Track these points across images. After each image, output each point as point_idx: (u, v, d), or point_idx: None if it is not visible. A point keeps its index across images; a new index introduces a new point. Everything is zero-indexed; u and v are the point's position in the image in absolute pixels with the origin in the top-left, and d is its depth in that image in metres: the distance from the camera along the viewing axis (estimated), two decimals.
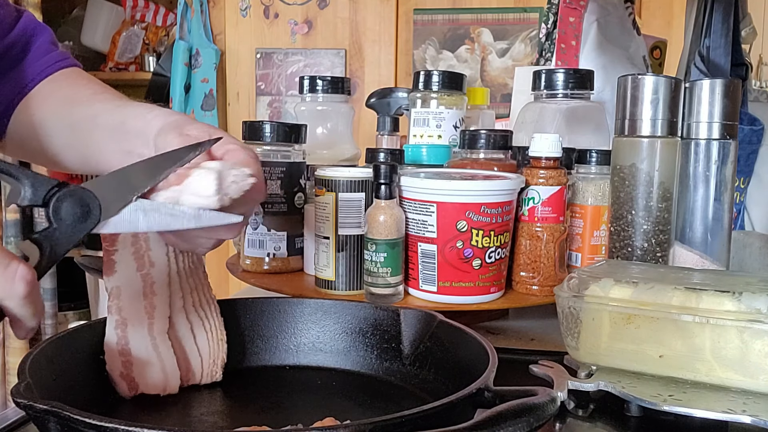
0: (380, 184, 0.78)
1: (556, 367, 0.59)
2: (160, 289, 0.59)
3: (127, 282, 0.58)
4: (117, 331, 0.57)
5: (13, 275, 0.44)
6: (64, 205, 0.48)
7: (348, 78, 1.13)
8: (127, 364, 0.57)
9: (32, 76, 0.75)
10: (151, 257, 0.59)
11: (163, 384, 0.59)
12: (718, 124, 0.78)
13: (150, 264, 0.59)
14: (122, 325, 0.58)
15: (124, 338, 0.58)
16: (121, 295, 0.58)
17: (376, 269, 0.79)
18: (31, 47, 0.77)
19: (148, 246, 0.59)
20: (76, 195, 0.48)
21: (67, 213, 0.48)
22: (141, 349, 0.58)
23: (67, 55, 0.79)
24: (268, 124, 0.90)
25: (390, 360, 0.64)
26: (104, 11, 2.77)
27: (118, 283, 0.58)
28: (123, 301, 0.58)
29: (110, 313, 0.58)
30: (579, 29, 1.30)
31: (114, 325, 0.58)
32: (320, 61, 2.63)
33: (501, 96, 2.48)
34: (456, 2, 2.56)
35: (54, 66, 0.76)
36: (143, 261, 0.58)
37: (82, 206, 0.48)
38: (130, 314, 0.58)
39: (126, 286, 0.58)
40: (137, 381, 0.58)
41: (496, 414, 0.43)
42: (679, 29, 1.72)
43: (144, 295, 0.58)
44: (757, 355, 0.57)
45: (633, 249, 0.79)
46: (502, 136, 0.91)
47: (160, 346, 0.59)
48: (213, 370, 0.62)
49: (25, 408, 0.44)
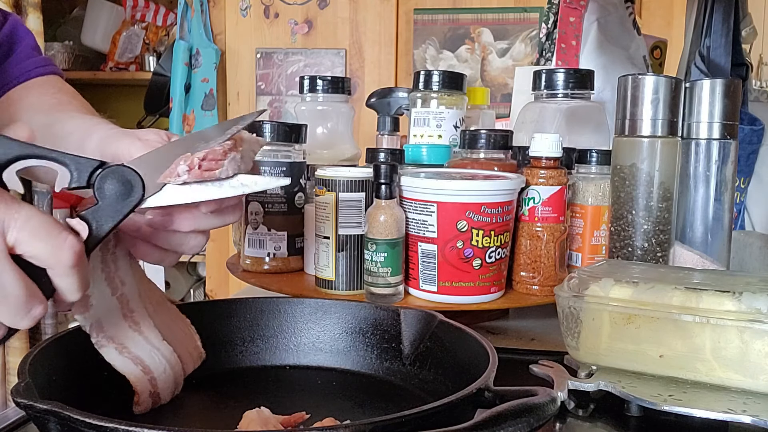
0: (380, 184, 0.78)
1: (556, 367, 0.59)
2: (135, 304, 0.57)
3: (106, 311, 0.55)
4: (125, 356, 0.56)
5: (63, 244, 0.44)
6: (107, 183, 0.49)
7: (348, 78, 1.13)
8: (153, 381, 0.57)
9: (10, 79, 0.77)
10: (121, 277, 0.56)
11: (174, 386, 0.59)
12: (718, 124, 0.78)
13: (122, 284, 0.56)
14: (125, 349, 0.56)
15: (137, 359, 0.56)
16: (104, 327, 0.55)
17: (377, 269, 0.79)
18: (14, 50, 0.78)
19: (117, 266, 0.56)
20: (118, 173, 0.49)
21: (110, 190, 0.49)
22: (156, 363, 0.57)
23: (48, 61, 0.81)
24: (268, 124, 0.90)
25: (390, 360, 0.64)
26: (104, 11, 2.77)
27: (97, 316, 0.55)
28: (108, 330, 0.55)
29: (102, 346, 0.55)
30: (579, 29, 1.30)
31: (117, 353, 0.55)
32: (320, 61, 2.63)
33: (501, 96, 2.48)
34: (456, 2, 2.56)
35: (32, 72, 0.78)
36: (115, 283, 0.56)
37: (125, 183, 0.49)
38: (123, 338, 0.56)
39: (105, 316, 0.55)
40: (161, 396, 0.58)
41: (496, 414, 0.43)
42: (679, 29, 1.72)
43: (124, 316, 0.56)
44: (757, 355, 0.57)
45: (633, 249, 0.79)
46: (503, 136, 0.91)
47: (165, 353, 0.58)
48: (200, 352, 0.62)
49: (25, 408, 0.44)
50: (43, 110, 0.72)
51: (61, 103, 0.73)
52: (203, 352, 0.63)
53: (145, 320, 0.58)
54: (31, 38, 0.81)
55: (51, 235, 0.44)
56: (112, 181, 0.49)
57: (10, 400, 0.69)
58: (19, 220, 0.43)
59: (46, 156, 0.48)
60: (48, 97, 0.75)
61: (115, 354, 0.55)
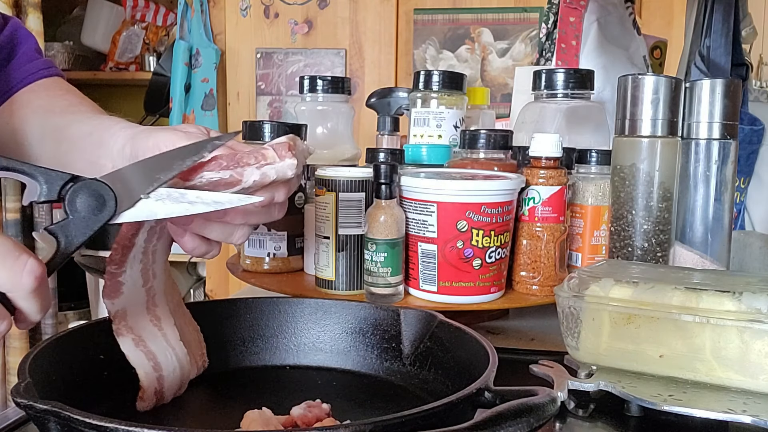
0: (380, 184, 0.78)
1: (556, 367, 0.59)
2: (160, 299, 0.57)
3: (132, 301, 0.55)
4: (140, 349, 0.56)
5: (22, 268, 0.44)
6: (79, 197, 0.48)
7: (348, 78, 1.13)
8: (161, 379, 0.57)
9: (14, 83, 0.77)
10: (155, 270, 0.57)
11: (178, 388, 0.59)
12: (718, 124, 0.78)
13: (153, 276, 0.57)
14: (141, 342, 0.56)
15: (150, 354, 0.56)
16: (127, 316, 0.55)
17: (377, 269, 0.79)
18: (15, 54, 0.78)
19: (155, 258, 0.56)
20: (91, 187, 0.48)
21: (82, 205, 0.47)
22: (168, 362, 0.57)
23: (50, 63, 0.80)
24: (268, 124, 0.90)
25: (390, 360, 0.64)
26: (104, 11, 2.77)
27: (124, 304, 0.55)
28: (130, 320, 0.55)
29: (121, 335, 0.55)
30: (579, 29, 1.30)
31: (133, 345, 0.55)
32: (320, 61, 2.63)
33: (501, 96, 2.48)
34: (456, 2, 2.56)
35: (35, 75, 0.78)
36: (149, 275, 0.56)
37: (97, 198, 0.48)
38: (142, 330, 0.56)
39: (131, 305, 0.55)
40: (164, 395, 0.57)
41: (496, 414, 0.43)
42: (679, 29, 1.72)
43: (147, 309, 0.57)
44: (757, 355, 0.57)
45: (633, 249, 0.79)
46: (503, 136, 0.91)
47: (179, 353, 0.58)
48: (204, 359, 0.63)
49: (25, 408, 0.44)
50: (55, 112, 0.71)
51: (72, 104, 0.73)
52: (207, 360, 0.63)
53: (167, 317, 0.58)
54: (32, 41, 0.80)
55: (9, 259, 0.43)
56: (83, 195, 0.48)
57: (10, 400, 0.69)
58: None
59: (15, 168, 0.47)
60: (58, 99, 0.74)
61: (131, 345, 0.55)
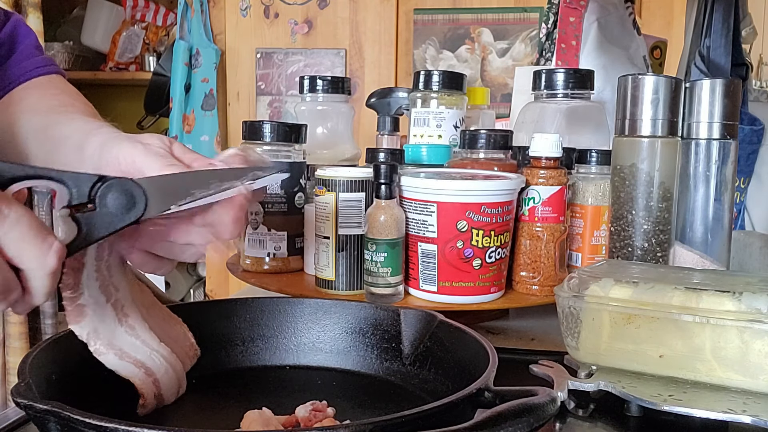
0: (380, 184, 0.78)
1: (556, 367, 0.59)
2: (130, 309, 0.57)
3: (101, 318, 0.54)
4: (125, 361, 0.55)
5: (49, 248, 0.44)
6: (111, 193, 0.48)
7: (348, 78, 1.13)
8: (157, 382, 0.56)
9: (11, 79, 0.76)
10: (115, 283, 0.56)
11: (177, 386, 0.59)
12: (718, 124, 0.78)
13: (116, 290, 0.56)
14: (125, 354, 0.55)
15: (137, 362, 0.56)
16: (100, 334, 0.54)
17: (377, 269, 0.79)
18: (15, 50, 0.78)
19: (110, 273, 0.55)
20: (124, 186, 0.48)
21: (112, 201, 0.48)
22: (157, 365, 0.57)
23: (49, 61, 0.80)
24: (268, 124, 0.90)
25: (390, 360, 0.64)
26: (104, 11, 2.77)
27: (94, 324, 0.54)
28: (105, 337, 0.54)
29: (101, 353, 0.54)
30: (579, 29, 1.30)
31: (117, 358, 0.55)
32: (320, 61, 2.63)
33: (501, 96, 2.48)
34: (456, 2, 2.56)
35: (32, 72, 0.77)
36: (110, 290, 0.55)
37: (128, 197, 0.48)
38: (121, 343, 0.55)
39: (101, 324, 0.54)
40: (165, 397, 0.57)
41: (496, 414, 0.43)
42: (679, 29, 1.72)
43: (119, 321, 0.56)
44: (757, 355, 0.57)
45: (633, 249, 0.79)
46: (503, 136, 0.91)
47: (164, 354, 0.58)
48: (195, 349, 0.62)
49: (25, 408, 0.44)
50: (41, 112, 0.71)
51: (62, 104, 0.72)
52: (198, 348, 0.63)
53: (141, 323, 0.57)
54: (32, 37, 0.80)
55: (39, 237, 0.44)
56: (115, 192, 0.48)
57: (10, 400, 0.69)
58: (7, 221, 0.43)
59: (44, 176, 0.47)
60: (48, 99, 0.74)
61: (116, 360, 0.55)
